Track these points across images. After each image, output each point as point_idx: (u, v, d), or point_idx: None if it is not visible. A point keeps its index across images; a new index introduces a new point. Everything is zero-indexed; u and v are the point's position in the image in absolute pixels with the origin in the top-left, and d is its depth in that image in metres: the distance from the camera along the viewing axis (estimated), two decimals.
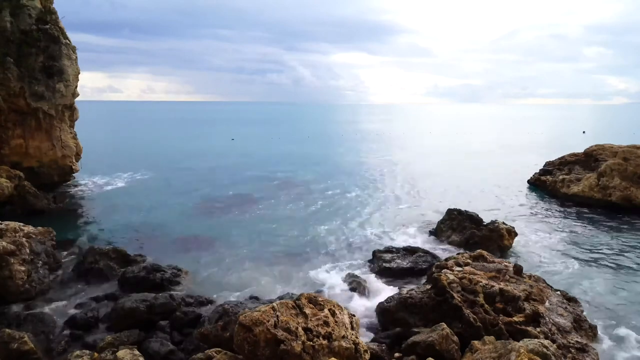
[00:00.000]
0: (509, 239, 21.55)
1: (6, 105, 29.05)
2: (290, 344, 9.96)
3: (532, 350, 9.80)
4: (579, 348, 12.05)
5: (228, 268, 19.40)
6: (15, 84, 28.73)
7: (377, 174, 43.46)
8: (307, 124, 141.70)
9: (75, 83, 32.36)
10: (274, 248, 21.90)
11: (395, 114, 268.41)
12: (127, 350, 11.03)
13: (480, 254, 16.74)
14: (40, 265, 17.09)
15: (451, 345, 11.77)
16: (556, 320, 12.98)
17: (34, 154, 30.89)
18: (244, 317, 10.43)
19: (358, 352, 10.60)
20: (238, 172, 43.81)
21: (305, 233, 24.43)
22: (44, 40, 30.00)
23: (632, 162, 29.67)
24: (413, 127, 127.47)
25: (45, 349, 12.75)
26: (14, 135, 29.99)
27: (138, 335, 13.20)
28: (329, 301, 11.67)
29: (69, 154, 32.66)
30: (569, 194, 31.52)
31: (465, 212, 23.22)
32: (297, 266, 19.76)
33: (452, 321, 12.81)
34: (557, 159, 37.53)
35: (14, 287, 15.45)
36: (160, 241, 22.86)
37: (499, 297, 13.35)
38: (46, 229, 19.37)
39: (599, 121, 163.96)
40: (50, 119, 31.06)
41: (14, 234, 17.15)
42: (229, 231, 24.46)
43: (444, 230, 23.30)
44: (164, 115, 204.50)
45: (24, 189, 27.31)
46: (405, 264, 18.72)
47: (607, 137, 68.05)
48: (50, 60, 30.20)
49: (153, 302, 14.57)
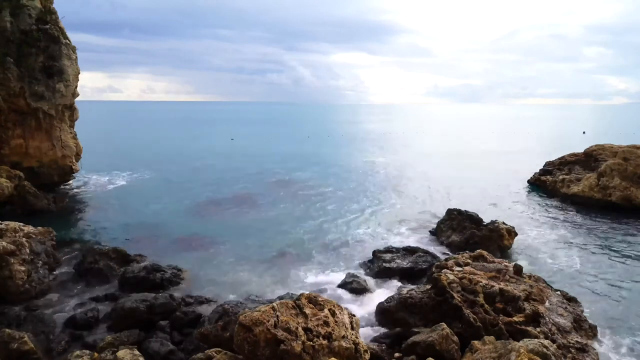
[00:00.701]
0: (509, 239, 21.54)
1: (6, 105, 29.04)
2: (290, 344, 9.96)
3: (532, 350, 9.80)
4: (579, 348, 12.05)
5: (228, 268, 19.41)
6: (15, 84, 28.73)
7: (377, 174, 43.49)
8: (307, 124, 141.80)
9: (75, 83, 32.35)
10: (274, 248, 21.91)
11: (395, 114, 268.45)
12: (127, 350, 11.03)
13: (480, 254, 16.75)
14: (40, 265, 17.10)
15: (451, 345, 11.77)
16: (556, 320, 12.98)
17: (34, 154, 30.88)
18: (244, 317, 10.42)
19: (358, 352, 10.60)
20: (238, 172, 43.83)
21: (305, 233, 24.44)
22: (44, 40, 29.99)
23: (632, 162, 29.68)
24: (413, 127, 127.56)
25: (45, 349, 12.75)
26: (14, 135, 29.99)
27: (138, 335, 13.21)
28: (329, 301, 11.67)
29: (69, 154, 32.65)
30: (569, 194, 31.53)
31: (465, 212, 23.22)
32: (297, 266, 19.78)
33: (452, 321, 12.81)
34: (557, 159, 37.57)
35: (14, 287, 15.45)
36: (160, 241, 22.89)
37: (499, 297, 13.35)
38: (46, 229, 19.37)
39: (599, 121, 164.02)
40: (50, 119, 31.05)
41: (14, 234, 17.16)
42: (229, 231, 24.47)
43: (444, 230, 23.30)
44: (164, 115, 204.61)
45: (24, 189, 27.32)
46: (405, 264, 18.72)
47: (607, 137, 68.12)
48: (50, 60, 30.18)
49: (153, 302, 14.58)
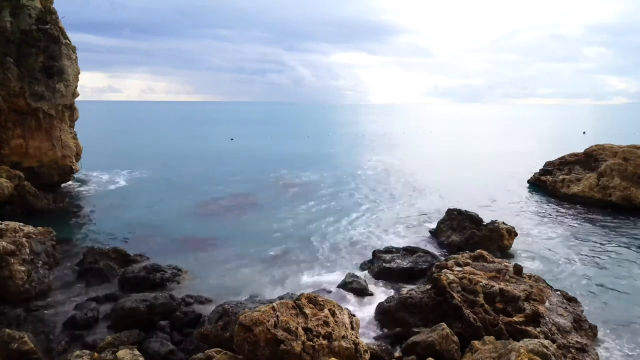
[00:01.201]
0: (509, 239, 21.54)
1: (6, 105, 29.05)
2: (290, 344, 9.95)
3: (532, 350, 9.80)
4: (579, 348, 12.04)
5: (228, 268, 19.41)
6: (15, 84, 28.74)
7: (377, 174, 43.50)
8: (307, 124, 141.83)
9: (75, 83, 32.37)
10: (273, 248, 21.91)
11: (395, 114, 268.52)
12: (127, 350, 11.03)
13: (480, 254, 16.75)
14: (40, 265, 17.10)
15: (451, 345, 11.77)
16: (556, 320, 12.98)
17: (34, 154, 30.90)
18: (244, 317, 10.42)
19: (358, 352, 10.60)
20: (238, 172, 43.83)
21: (305, 233, 24.44)
22: (44, 40, 30.01)
23: (632, 162, 29.69)
24: (413, 127, 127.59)
25: (45, 349, 12.75)
26: (14, 135, 30.00)
27: (138, 335, 13.20)
28: (329, 301, 11.67)
29: (69, 154, 32.66)
30: (569, 194, 31.53)
31: (465, 212, 23.22)
32: (297, 266, 19.78)
33: (452, 321, 12.81)
34: (557, 159, 37.56)
35: (14, 287, 15.45)
36: (160, 241, 22.88)
37: (499, 297, 13.35)
38: (46, 229, 19.38)
39: (599, 121, 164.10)
40: (50, 119, 31.07)
41: (14, 234, 17.16)
42: (229, 231, 24.47)
43: (444, 230, 23.30)
44: (164, 115, 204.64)
45: (24, 189, 27.32)
46: (405, 264, 18.72)
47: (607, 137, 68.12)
48: (50, 60, 30.21)
49: (153, 302, 14.58)
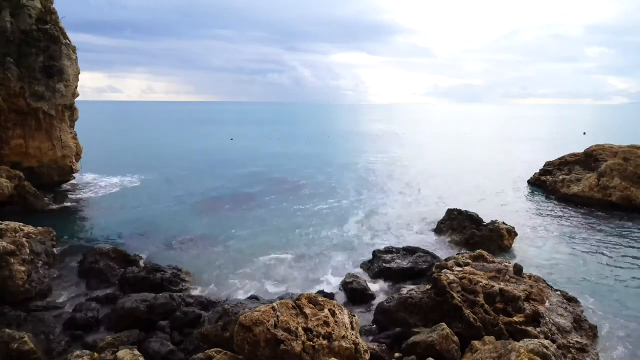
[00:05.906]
0: (509, 239, 21.55)
1: (6, 105, 29.05)
2: (290, 344, 9.95)
3: (532, 350, 9.79)
4: (579, 348, 12.05)
5: (228, 268, 19.41)
6: (15, 84, 28.74)
7: (377, 174, 43.49)
8: (307, 124, 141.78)
9: (75, 83, 32.35)
10: (274, 248, 21.90)
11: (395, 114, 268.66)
12: (127, 350, 11.03)
13: (480, 254, 16.75)
14: (40, 265, 17.11)
15: (451, 345, 11.77)
16: (556, 320, 12.98)
17: (34, 154, 30.90)
18: (244, 317, 10.42)
19: (358, 352, 10.59)
20: (238, 172, 43.84)
21: (305, 233, 24.45)
22: (44, 40, 30.00)
23: (632, 162, 29.68)
24: (413, 127, 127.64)
25: (45, 349, 12.75)
26: (14, 135, 30.01)
27: (138, 335, 13.21)
28: (329, 301, 11.65)
29: (69, 154, 32.66)
30: (569, 193, 31.52)
31: (465, 212, 23.23)
32: (297, 266, 19.80)
33: (452, 321, 12.81)
34: (557, 159, 37.57)
35: (14, 287, 15.45)
36: (161, 241, 22.88)
37: (499, 297, 13.34)
38: (46, 229, 19.39)
39: (599, 121, 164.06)
40: (50, 119, 31.06)
41: (14, 234, 17.17)
42: (229, 231, 24.47)
43: (444, 230, 23.32)
44: (164, 115, 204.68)
45: (24, 189, 27.33)
46: (405, 264, 18.72)
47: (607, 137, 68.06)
48: (50, 60, 30.19)
49: (153, 302, 14.57)
